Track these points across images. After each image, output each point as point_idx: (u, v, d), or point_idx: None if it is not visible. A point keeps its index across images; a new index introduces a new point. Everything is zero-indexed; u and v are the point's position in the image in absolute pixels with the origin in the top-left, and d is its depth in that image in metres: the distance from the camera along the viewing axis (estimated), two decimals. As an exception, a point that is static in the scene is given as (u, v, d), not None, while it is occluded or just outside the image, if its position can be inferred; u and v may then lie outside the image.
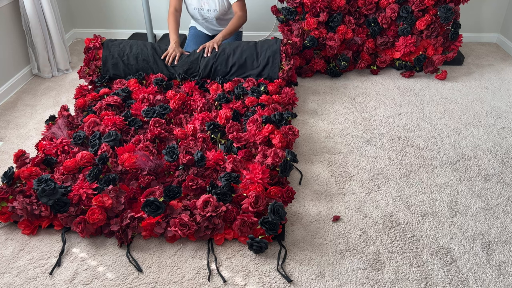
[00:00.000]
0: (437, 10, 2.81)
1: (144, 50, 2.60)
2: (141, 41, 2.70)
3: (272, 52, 2.57)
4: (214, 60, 2.57)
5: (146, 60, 2.59)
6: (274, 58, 2.56)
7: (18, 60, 2.90)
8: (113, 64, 2.58)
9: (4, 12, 2.74)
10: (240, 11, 2.71)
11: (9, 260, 1.59)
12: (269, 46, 2.60)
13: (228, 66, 2.58)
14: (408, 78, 2.93)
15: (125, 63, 2.58)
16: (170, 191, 1.73)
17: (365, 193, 1.90)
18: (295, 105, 2.51)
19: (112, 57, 2.58)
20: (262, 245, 1.57)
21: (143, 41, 2.67)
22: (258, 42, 2.64)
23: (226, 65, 2.58)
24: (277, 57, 2.56)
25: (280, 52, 2.56)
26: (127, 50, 2.60)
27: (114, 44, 2.62)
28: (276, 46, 2.58)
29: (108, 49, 2.60)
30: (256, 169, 1.81)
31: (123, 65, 2.58)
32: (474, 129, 2.36)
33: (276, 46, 2.58)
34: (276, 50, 2.57)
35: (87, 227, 1.62)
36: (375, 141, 2.26)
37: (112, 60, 2.58)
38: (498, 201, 1.85)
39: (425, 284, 1.48)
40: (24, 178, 1.82)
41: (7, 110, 2.62)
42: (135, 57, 2.58)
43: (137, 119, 2.19)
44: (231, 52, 2.58)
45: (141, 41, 2.69)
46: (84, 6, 3.58)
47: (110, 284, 1.49)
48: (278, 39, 2.64)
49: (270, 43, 2.61)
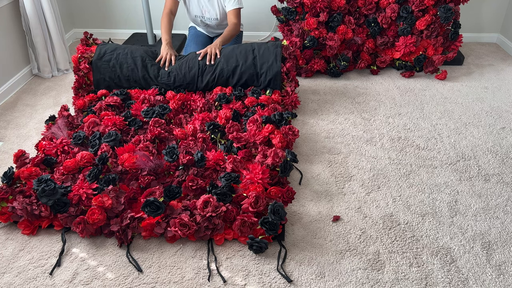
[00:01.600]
0: (437, 10, 2.81)
1: (134, 71, 2.47)
2: (131, 53, 2.49)
3: (273, 75, 2.44)
4: (213, 82, 2.48)
5: (138, 82, 2.49)
6: (276, 80, 2.46)
7: (18, 60, 2.90)
8: (106, 86, 2.50)
9: (4, 12, 2.74)
10: (235, 19, 2.66)
11: (9, 260, 1.59)
12: (269, 67, 2.44)
13: (227, 85, 2.50)
14: (408, 78, 2.93)
15: (118, 84, 2.49)
16: (170, 191, 1.73)
17: (365, 193, 1.90)
18: (296, 107, 2.50)
19: (104, 80, 2.48)
20: (262, 245, 1.57)
21: (132, 55, 2.48)
22: (257, 57, 2.46)
23: (226, 85, 2.50)
24: (278, 79, 2.46)
25: (281, 73, 2.44)
26: (118, 70, 2.47)
27: (104, 63, 2.46)
28: (277, 67, 2.43)
29: (98, 71, 2.46)
30: (256, 169, 1.81)
31: (116, 86, 2.50)
32: (474, 129, 2.35)
33: (277, 68, 2.43)
34: (277, 72, 2.43)
35: (87, 227, 1.62)
36: (375, 141, 2.26)
37: (104, 83, 2.48)
38: (498, 201, 1.85)
39: (425, 284, 1.48)
40: (24, 178, 1.82)
41: (7, 110, 2.62)
42: (127, 79, 2.48)
43: (137, 119, 2.19)
44: (230, 73, 2.46)
45: (130, 54, 2.49)
46: (84, 6, 3.58)
47: (110, 284, 1.49)
48: (278, 53, 2.45)
49: (270, 62, 2.44)
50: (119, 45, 2.57)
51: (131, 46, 2.58)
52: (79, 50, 2.47)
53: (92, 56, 2.48)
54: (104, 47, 2.51)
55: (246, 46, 2.52)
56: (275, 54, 2.46)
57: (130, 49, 2.53)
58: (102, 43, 2.59)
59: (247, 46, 2.52)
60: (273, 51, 2.47)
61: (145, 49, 2.57)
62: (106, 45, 2.55)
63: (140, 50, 2.54)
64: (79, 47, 2.49)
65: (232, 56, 2.48)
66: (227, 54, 2.49)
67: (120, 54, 2.50)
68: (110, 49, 2.51)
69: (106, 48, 2.51)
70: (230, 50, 2.51)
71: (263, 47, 2.49)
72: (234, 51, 2.49)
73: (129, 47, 2.54)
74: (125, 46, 2.56)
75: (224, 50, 2.52)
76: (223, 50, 2.52)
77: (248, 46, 2.51)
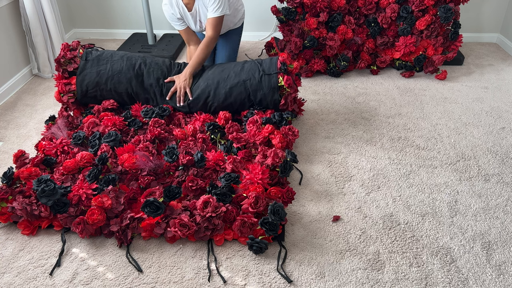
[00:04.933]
0: (437, 10, 2.81)
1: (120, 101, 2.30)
2: (115, 89, 2.26)
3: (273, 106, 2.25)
4: None
5: None
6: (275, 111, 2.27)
7: (18, 60, 2.90)
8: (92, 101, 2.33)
9: (4, 12, 2.74)
10: (211, 30, 2.35)
11: (9, 260, 1.60)
12: (270, 101, 2.23)
13: None
14: (408, 78, 2.93)
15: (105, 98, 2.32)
16: (170, 191, 1.73)
17: (365, 193, 1.90)
18: (300, 114, 2.45)
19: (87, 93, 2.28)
20: (262, 245, 1.57)
21: (117, 91, 2.26)
22: (250, 91, 2.21)
23: None
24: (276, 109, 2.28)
25: None
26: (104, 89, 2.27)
27: (90, 99, 2.29)
28: (274, 81, 2.19)
29: (85, 99, 2.30)
30: (256, 169, 1.81)
31: None
32: (474, 129, 2.35)
33: (275, 82, 2.19)
34: (274, 87, 2.20)
35: (86, 227, 1.62)
36: (375, 141, 2.26)
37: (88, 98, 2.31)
38: (498, 201, 1.85)
39: (425, 284, 1.48)
40: (23, 178, 1.82)
41: (7, 110, 2.62)
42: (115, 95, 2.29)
43: (136, 120, 2.19)
44: (220, 105, 2.24)
45: (114, 90, 2.26)
46: (84, 6, 3.58)
47: (110, 284, 1.49)
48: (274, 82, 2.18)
49: (267, 93, 2.20)
50: (101, 73, 2.24)
51: (115, 75, 2.25)
52: (61, 53, 2.29)
53: (77, 66, 2.27)
54: (84, 81, 2.23)
55: (239, 81, 2.22)
56: (273, 92, 2.20)
57: (113, 84, 2.24)
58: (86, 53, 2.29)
59: (240, 82, 2.21)
60: (270, 94, 2.21)
61: (128, 77, 2.25)
62: (86, 77, 2.24)
63: (123, 84, 2.24)
64: (63, 49, 2.30)
65: (218, 87, 2.23)
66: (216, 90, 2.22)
67: (104, 90, 2.26)
68: (92, 84, 2.24)
69: (87, 83, 2.24)
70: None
71: (258, 87, 2.20)
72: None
73: (112, 78, 2.24)
74: (107, 77, 2.24)
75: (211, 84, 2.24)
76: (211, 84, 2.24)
77: (239, 83, 2.22)
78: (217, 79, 2.24)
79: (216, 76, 2.25)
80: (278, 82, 2.19)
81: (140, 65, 2.28)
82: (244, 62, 2.32)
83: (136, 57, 2.32)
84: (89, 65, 2.26)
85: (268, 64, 2.25)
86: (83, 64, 2.26)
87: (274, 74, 2.19)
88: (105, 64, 2.26)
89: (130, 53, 2.36)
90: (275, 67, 2.22)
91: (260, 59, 2.38)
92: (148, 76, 2.28)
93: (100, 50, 2.35)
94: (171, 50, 3.26)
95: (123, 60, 2.28)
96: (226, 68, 2.29)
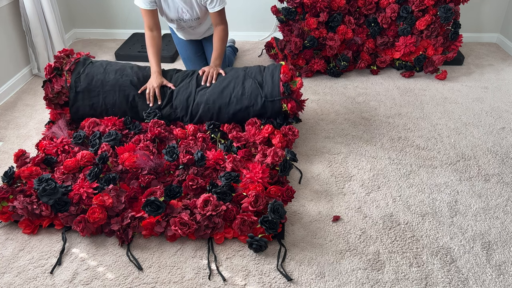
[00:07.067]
0: (437, 10, 2.81)
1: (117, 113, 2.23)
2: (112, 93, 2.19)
3: (275, 115, 2.21)
4: None
5: None
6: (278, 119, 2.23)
7: (18, 60, 2.90)
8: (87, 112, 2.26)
9: (4, 12, 2.74)
10: (221, 22, 2.35)
11: (9, 260, 1.60)
12: (272, 112, 2.18)
13: None
14: (408, 78, 2.93)
15: None
16: (170, 190, 1.73)
17: (365, 193, 1.90)
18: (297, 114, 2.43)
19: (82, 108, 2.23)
20: (262, 243, 1.57)
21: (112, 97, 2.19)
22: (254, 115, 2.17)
23: None
24: None
25: None
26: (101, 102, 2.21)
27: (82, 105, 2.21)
28: (278, 107, 2.15)
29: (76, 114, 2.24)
30: (256, 168, 1.81)
31: None
32: (474, 129, 2.36)
33: (278, 107, 2.15)
34: (278, 111, 2.17)
35: (87, 226, 1.62)
36: (375, 141, 2.26)
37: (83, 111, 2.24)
38: (498, 201, 1.85)
39: (425, 284, 1.48)
40: (24, 177, 1.82)
41: (7, 110, 2.62)
42: None
43: (136, 123, 2.18)
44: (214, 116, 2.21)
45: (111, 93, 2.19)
46: (84, 6, 3.58)
47: (110, 284, 1.49)
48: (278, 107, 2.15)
49: (271, 116, 2.19)
50: (94, 106, 2.20)
51: (109, 108, 2.20)
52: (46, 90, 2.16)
53: None
54: (78, 112, 2.20)
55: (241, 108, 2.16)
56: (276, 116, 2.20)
57: (108, 115, 2.21)
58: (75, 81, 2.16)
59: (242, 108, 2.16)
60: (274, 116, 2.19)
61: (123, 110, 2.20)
62: (80, 109, 2.19)
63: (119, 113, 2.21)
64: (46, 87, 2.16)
65: (225, 118, 2.20)
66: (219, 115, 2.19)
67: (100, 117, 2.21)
68: (87, 115, 2.21)
69: (81, 114, 2.21)
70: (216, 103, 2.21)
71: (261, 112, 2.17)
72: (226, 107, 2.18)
73: (107, 111, 2.21)
74: (101, 110, 2.21)
75: None
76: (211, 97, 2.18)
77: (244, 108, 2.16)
78: (218, 105, 2.16)
79: (216, 100, 2.16)
80: (282, 108, 2.15)
81: (134, 97, 2.20)
82: (243, 79, 2.19)
83: (127, 83, 2.19)
84: (80, 98, 2.17)
85: (270, 85, 2.14)
86: (73, 96, 2.17)
87: (277, 100, 2.14)
88: (97, 96, 2.18)
89: (120, 75, 2.21)
90: (277, 89, 2.12)
91: (260, 73, 2.23)
92: (143, 107, 2.22)
93: (88, 66, 2.23)
94: (171, 50, 3.26)
95: (115, 92, 2.18)
96: (225, 88, 2.17)
